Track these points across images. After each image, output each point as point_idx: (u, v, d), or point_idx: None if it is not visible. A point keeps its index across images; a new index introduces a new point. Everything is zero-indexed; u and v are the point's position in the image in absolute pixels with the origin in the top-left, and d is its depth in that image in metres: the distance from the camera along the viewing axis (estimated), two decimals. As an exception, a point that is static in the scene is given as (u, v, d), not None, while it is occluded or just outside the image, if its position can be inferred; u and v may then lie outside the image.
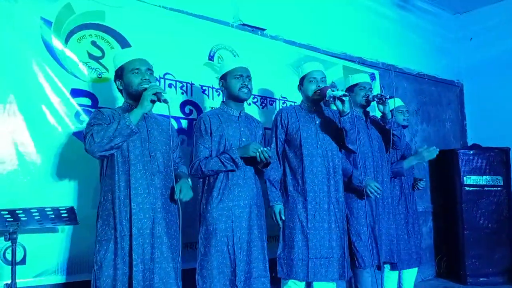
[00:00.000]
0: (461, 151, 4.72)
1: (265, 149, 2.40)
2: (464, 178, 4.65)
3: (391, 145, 3.09)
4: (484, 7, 5.34)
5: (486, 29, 5.33)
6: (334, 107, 2.72)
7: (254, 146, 2.43)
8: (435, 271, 4.98)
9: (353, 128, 2.72)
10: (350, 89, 3.19)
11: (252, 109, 3.39)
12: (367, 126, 3.17)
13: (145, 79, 2.19)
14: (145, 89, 2.13)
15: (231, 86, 2.56)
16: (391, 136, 3.07)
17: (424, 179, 3.74)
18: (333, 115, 2.89)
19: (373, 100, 3.06)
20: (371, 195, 2.88)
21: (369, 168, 3.06)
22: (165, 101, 2.10)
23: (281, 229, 2.74)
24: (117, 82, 2.28)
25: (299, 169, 2.75)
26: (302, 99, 2.94)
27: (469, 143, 5.39)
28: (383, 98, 2.98)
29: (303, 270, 2.62)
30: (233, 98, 2.59)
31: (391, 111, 3.10)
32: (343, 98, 2.60)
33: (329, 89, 2.67)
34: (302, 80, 2.89)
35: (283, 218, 2.71)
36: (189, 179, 2.34)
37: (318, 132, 2.80)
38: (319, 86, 2.79)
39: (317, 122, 2.83)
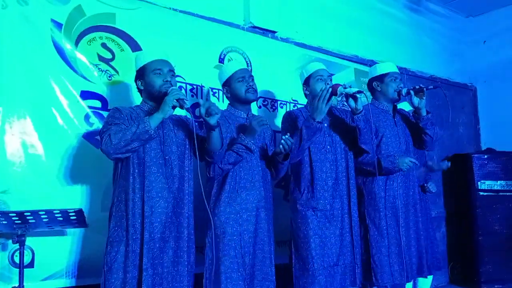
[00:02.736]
0: (475, 155, 4.63)
1: (285, 137, 2.32)
2: (479, 183, 4.55)
3: (423, 145, 2.81)
4: (497, 9, 5.25)
5: (500, 32, 5.23)
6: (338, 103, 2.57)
7: (256, 120, 2.36)
8: (448, 278, 4.88)
9: (366, 126, 2.55)
10: (379, 79, 2.86)
11: (262, 112, 3.36)
12: (394, 123, 2.86)
13: (167, 81, 2.17)
14: (167, 92, 2.10)
15: (236, 90, 2.53)
16: (423, 136, 2.78)
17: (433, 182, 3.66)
18: (341, 114, 2.78)
19: (408, 94, 2.71)
20: (408, 167, 2.65)
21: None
22: (188, 110, 2.08)
23: (292, 240, 2.64)
24: (137, 82, 2.25)
25: (308, 176, 2.63)
26: (308, 101, 2.79)
27: (483, 147, 5.30)
28: (423, 90, 2.61)
29: (313, 281, 2.50)
30: (241, 101, 2.55)
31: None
32: (357, 95, 2.45)
33: (341, 86, 2.47)
34: (307, 81, 2.74)
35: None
36: None
37: (326, 135, 2.67)
38: (327, 84, 2.60)
39: (326, 124, 2.66)
